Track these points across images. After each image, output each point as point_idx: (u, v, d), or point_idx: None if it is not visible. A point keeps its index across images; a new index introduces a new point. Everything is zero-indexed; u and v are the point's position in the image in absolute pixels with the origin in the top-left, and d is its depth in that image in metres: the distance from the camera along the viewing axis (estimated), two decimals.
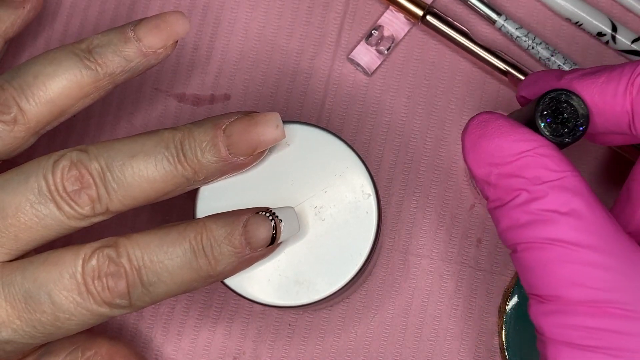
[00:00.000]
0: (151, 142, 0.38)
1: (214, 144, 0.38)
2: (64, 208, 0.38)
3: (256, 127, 0.38)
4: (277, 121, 0.39)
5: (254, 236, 0.38)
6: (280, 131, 0.39)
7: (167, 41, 0.41)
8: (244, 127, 0.38)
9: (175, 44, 0.41)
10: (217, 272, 0.38)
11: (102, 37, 0.41)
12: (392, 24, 0.51)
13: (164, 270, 0.37)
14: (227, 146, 0.38)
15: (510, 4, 0.52)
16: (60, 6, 0.53)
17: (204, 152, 0.38)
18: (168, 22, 0.41)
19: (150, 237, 0.38)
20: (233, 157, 0.38)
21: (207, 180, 0.39)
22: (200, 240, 0.38)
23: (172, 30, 0.41)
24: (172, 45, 0.41)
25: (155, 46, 0.41)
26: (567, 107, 0.37)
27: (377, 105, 0.51)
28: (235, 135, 0.38)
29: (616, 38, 0.50)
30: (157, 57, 0.41)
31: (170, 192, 0.39)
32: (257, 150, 0.39)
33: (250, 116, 0.39)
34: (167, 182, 0.38)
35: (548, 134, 0.37)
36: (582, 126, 0.37)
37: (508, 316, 0.49)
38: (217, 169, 0.39)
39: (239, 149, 0.38)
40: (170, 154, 0.38)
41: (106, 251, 0.37)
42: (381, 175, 0.51)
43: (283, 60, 0.52)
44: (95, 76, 0.40)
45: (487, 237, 0.50)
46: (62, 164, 0.38)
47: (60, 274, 0.37)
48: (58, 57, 0.40)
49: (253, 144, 0.39)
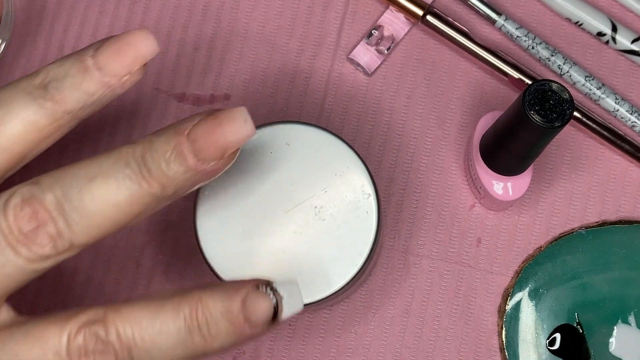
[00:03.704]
0: (109, 161, 0.34)
1: (178, 152, 0.34)
2: (21, 252, 0.33)
3: (222, 127, 0.34)
4: (244, 116, 0.35)
5: (254, 314, 0.34)
6: (249, 127, 0.35)
7: (132, 67, 0.35)
8: (208, 129, 0.34)
9: (144, 67, 0.36)
10: (214, 349, 0.35)
11: (58, 69, 0.35)
12: (392, 23, 0.51)
13: (156, 349, 0.34)
14: (194, 152, 0.34)
15: (510, 4, 0.52)
16: (60, 6, 0.53)
17: (169, 163, 0.34)
18: (131, 44, 0.35)
19: (142, 312, 0.34)
20: (202, 163, 0.34)
21: (178, 194, 0.35)
22: (195, 316, 0.34)
23: (137, 54, 0.35)
24: (139, 70, 0.36)
25: (118, 74, 0.35)
26: (551, 95, 0.39)
27: (377, 105, 0.51)
28: (201, 138, 0.34)
29: (616, 38, 0.50)
30: (123, 86, 0.36)
31: (141, 214, 0.35)
32: (227, 151, 0.35)
33: (213, 115, 0.35)
34: (134, 203, 0.34)
35: (540, 120, 0.39)
36: (569, 110, 0.39)
37: (508, 316, 0.49)
38: (187, 180, 0.35)
39: (207, 153, 0.34)
40: (132, 170, 0.34)
41: (94, 328, 0.33)
42: (381, 175, 0.51)
43: (283, 60, 0.52)
44: (52, 116, 0.35)
45: (487, 237, 0.50)
46: (13, 203, 0.34)
47: (44, 352, 0.33)
48: (9, 98, 0.35)
49: (222, 146, 0.34)
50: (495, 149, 0.45)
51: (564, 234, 0.50)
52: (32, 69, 0.52)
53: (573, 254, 0.49)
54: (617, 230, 0.49)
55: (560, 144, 0.50)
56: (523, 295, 0.49)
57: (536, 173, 0.49)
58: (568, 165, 0.50)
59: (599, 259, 0.49)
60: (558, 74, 0.51)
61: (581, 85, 0.50)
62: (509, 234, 0.50)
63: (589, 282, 0.49)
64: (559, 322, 0.48)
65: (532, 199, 0.50)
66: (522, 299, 0.49)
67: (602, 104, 0.50)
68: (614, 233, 0.49)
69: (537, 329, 0.48)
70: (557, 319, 0.48)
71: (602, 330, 0.48)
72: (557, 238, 0.50)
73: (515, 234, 0.50)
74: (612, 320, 0.48)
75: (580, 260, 0.49)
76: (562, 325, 0.48)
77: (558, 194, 0.50)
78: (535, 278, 0.49)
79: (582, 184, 0.50)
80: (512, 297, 0.49)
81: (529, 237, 0.50)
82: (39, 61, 0.52)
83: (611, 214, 0.50)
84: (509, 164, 0.45)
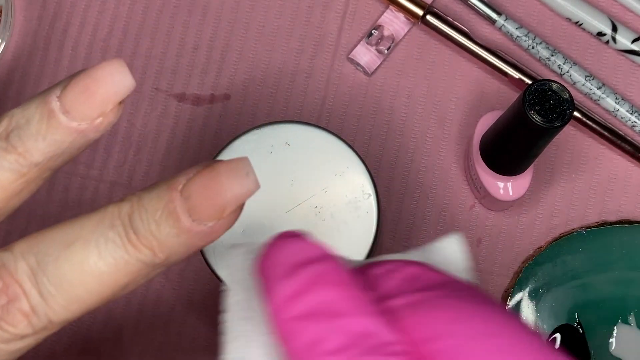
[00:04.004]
0: (91, 222, 0.29)
1: (170, 211, 0.29)
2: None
3: (220, 181, 0.29)
4: (246, 168, 0.29)
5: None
6: (252, 181, 0.29)
7: (104, 107, 0.29)
8: (204, 184, 0.29)
9: (120, 106, 0.30)
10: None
11: (21, 113, 0.30)
12: (392, 23, 0.51)
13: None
14: (188, 212, 0.29)
15: (510, 4, 0.52)
16: (60, 6, 0.53)
17: (160, 224, 0.29)
18: (100, 80, 0.29)
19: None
20: (198, 224, 0.29)
21: (172, 260, 0.30)
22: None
23: (108, 92, 0.29)
24: (114, 110, 0.30)
25: (89, 117, 0.29)
26: (551, 95, 0.39)
27: (377, 105, 0.51)
28: (196, 195, 0.29)
29: (616, 38, 0.50)
30: (97, 129, 0.30)
31: (129, 284, 0.30)
32: (227, 210, 0.29)
33: (211, 167, 0.29)
34: (120, 272, 0.29)
35: (540, 120, 0.39)
36: (569, 109, 0.39)
37: None
38: (181, 244, 0.29)
39: (203, 213, 0.29)
40: (117, 233, 0.29)
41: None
42: (381, 175, 0.51)
43: (283, 60, 0.52)
44: (18, 170, 0.30)
45: (487, 237, 0.50)
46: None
47: None
48: None
49: (220, 204, 0.29)
50: (495, 149, 0.45)
51: (564, 234, 0.50)
52: (32, 69, 0.52)
53: (573, 254, 0.49)
54: (618, 231, 0.49)
55: (560, 144, 0.50)
56: (523, 295, 0.49)
57: (536, 173, 0.49)
58: (568, 165, 0.50)
59: (599, 259, 0.49)
60: (558, 73, 0.51)
61: (581, 85, 0.50)
62: (509, 234, 0.50)
63: (589, 282, 0.49)
64: (559, 322, 0.48)
65: (532, 199, 0.50)
66: (522, 299, 0.49)
67: (602, 104, 0.50)
68: (614, 233, 0.49)
69: (537, 329, 0.48)
70: (557, 319, 0.48)
71: (602, 331, 0.48)
72: (557, 238, 0.50)
73: (515, 234, 0.50)
74: (612, 321, 0.48)
75: (580, 261, 0.49)
76: (562, 326, 0.48)
77: (558, 194, 0.50)
78: (535, 278, 0.49)
79: (582, 184, 0.50)
80: (512, 297, 0.49)
81: (529, 237, 0.50)
82: (39, 61, 0.52)
83: (611, 214, 0.50)
84: (509, 164, 0.45)
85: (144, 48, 0.52)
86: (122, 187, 0.51)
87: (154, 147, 0.51)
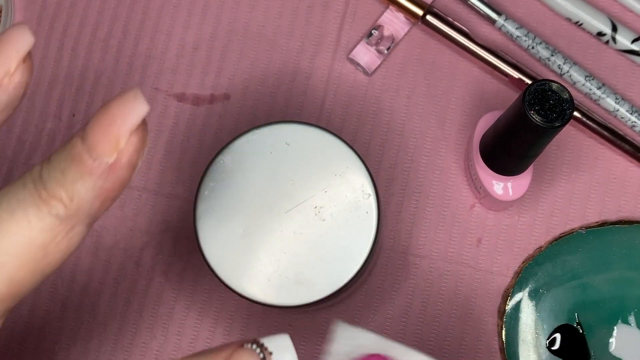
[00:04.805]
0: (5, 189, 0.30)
1: (72, 157, 0.29)
2: None
3: (110, 111, 0.29)
4: (134, 93, 0.29)
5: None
6: (139, 103, 0.29)
7: (9, 63, 0.30)
8: (98, 120, 0.29)
9: (26, 65, 0.31)
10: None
11: None
12: (392, 23, 0.51)
13: None
14: (88, 152, 0.29)
15: (510, 4, 0.52)
16: (60, 6, 0.53)
17: (64, 171, 0.29)
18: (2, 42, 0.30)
19: None
20: (99, 163, 0.29)
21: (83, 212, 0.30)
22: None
23: (9, 49, 0.30)
24: (19, 69, 0.30)
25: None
26: (551, 95, 0.39)
27: (377, 105, 0.51)
28: (91, 134, 0.29)
29: (616, 38, 0.50)
30: (5, 90, 0.31)
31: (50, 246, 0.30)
32: (121, 140, 0.29)
33: (104, 103, 0.30)
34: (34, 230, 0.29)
35: (540, 120, 0.39)
36: (569, 109, 0.39)
37: (508, 316, 0.49)
38: (89, 189, 0.29)
39: (100, 148, 0.29)
40: (28, 192, 0.29)
41: None
42: (381, 175, 0.51)
43: (283, 60, 0.52)
44: None
45: (487, 237, 0.50)
46: None
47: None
48: None
49: (112, 135, 0.29)
50: (495, 149, 0.45)
51: (564, 234, 0.50)
52: None
53: (573, 254, 0.49)
54: (618, 231, 0.49)
55: (560, 144, 0.50)
56: (523, 295, 0.49)
57: (536, 173, 0.49)
58: (568, 165, 0.50)
59: (599, 259, 0.49)
60: (558, 73, 0.51)
61: (581, 85, 0.50)
62: (509, 234, 0.50)
63: (589, 282, 0.49)
64: (559, 322, 0.48)
65: (532, 199, 0.50)
66: (522, 299, 0.49)
67: (602, 104, 0.50)
68: (614, 233, 0.49)
69: (537, 329, 0.48)
70: (557, 319, 0.48)
71: (602, 331, 0.48)
72: (557, 238, 0.50)
73: (516, 234, 0.50)
74: (612, 321, 0.48)
75: (580, 261, 0.49)
76: (562, 326, 0.48)
77: (558, 194, 0.50)
78: (535, 278, 0.49)
79: (582, 184, 0.50)
80: (512, 297, 0.49)
81: (529, 237, 0.50)
82: (39, 61, 0.52)
83: (611, 214, 0.50)
84: (509, 164, 0.45)
85: (144, 48, 0.52)
86: None
87: (154, 147, 0.51)
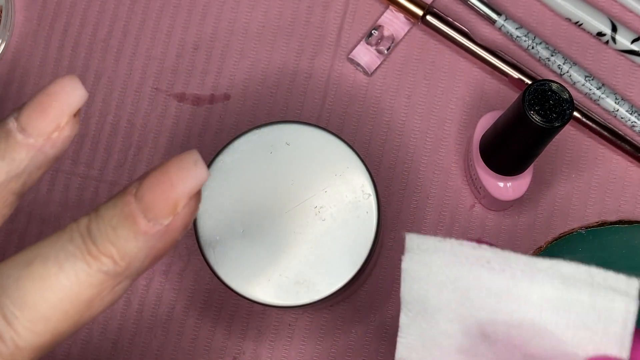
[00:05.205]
0: (50, 239, 0.29)
1: (125, 215, 0.28)
2: None
3: (169, 175, 0.29)
4: (194, 157, 0.29)
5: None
6: (200, 169, 0.29)
7: (59, 120, 0.30)
8: (155, 181, 0.29)
9: (76, 119, 0.30)
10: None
11: None
12: (392, 23, 0.51)
13: None
14: (143, 212, 0.29)
15: (510, 4, 0.52)
16: (60, 6, 0.53)
17: (116, 229, 0.28)
18: (52, 95, 0.30)
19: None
20: (154, 224, 0.29)
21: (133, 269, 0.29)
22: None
23: (61, 105, 0.30)
24: (69, 123, 0.30)
25: (44, 132, 0.30)
26: (551, 95, 0.39)
27: (377, 105, 0.51)
28: (148, 194, 0.29)
29: (616, 38, 0.50)
30: (54, 145, 0.30)
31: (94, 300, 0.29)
32: (179, 204, 0.29)
33: (160, 165, 0.29)
34: (82, 285, 0.28)
35: (540, 120, 0.39)
36: (569, 109, 0.39)
37: None
38: (140, 248, 0.29)
39: (157, 210, 0.29)
40: (76, 246, 0.28)
41: None
42: (381, 175, 0.51)
43: (283, 60, 0.52)
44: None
45: (487, 237, 0.50)
46: None
47: None
48: None
49: (171, 198, 0.29)
50: (495, 149, 0.45)
51: (564, 234, 0.50)
52: (32, 69, 0.52)
53: (573, 254, 0.49)
54: (617, 230, 0.49)
55: (560, 144, 0.50)
56: None
57: (536, 173, 0.49)
58: (568, 165, 0.50)
59: (599, 259, 0.49)
60: (558, 74, 0.51)
61: (581, 85, 0.50)
62: (509, 234, 0.50)
63: None
64: None
65: (532, 199, 0.50)
66: None
67: (602, 104, 0.50)
68: (614, 233, 0.49)
69: None
70: None
71: None
72: (557, 238, 0.50)
73: (516, 234, 0.50)
74: None
75: (580, 261, 0.49)
76: None
77: (558, 194, 0.50)
78: None
79: (582, 184, 0.50)
80: None
81: (529, 237, 0.50)
82: (39, 61, 0.52)
83: (611, 214, 0.50)
84: (509, 164, 0.45)
85: (144, 48, 0.52)
86: (122, 187, 0.51)
87: (154, 147, 0.51)
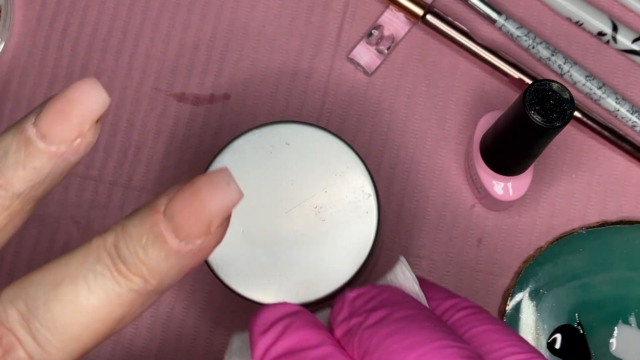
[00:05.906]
0: (77, 258, 0.28)
1: (155, 235, 0.28)
2: None
3: (201, 195, 0.28)
4: (227, 177, 0.28)
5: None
6: (234, 190, 0.28)
7: (81, 127, 0.29)
8: (186, 201, 0.28)
9: (98, 125, 0.29)
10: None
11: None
12: (392, 23, 0.51)
13: None
14: (174, 232, 0.28)
15: (510, 4, 0.52)
16: (59, 5, 0.53)
17: (147, 249, 0.28)
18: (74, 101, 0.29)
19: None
20: (186, 244, 0.28)
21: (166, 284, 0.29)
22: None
23: (83, 111, 0.29)
24: (92, 129, 0.29)
25: (66, 139, 0.29)
26: (552, 95, 0.39)
27: (377, 105, 0.51)
28: (179, 214, 0.28)
29: (617, 38, 0.50)
30: (76, 151, 0.29)
31: (125, 317, 0.29)
32: (214, 225, 0.28)
33: (191, 183, 0.28)
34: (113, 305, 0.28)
35: (540, 120, 0.39)
36: (570, 109, 0.39)
37: (508, 317, 0.49)
38: (172, 267, 0.28)
39: (190, 231, 0.28)
40: (105, 266, 0.28)
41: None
42: (381, 175, 0.51)
43: (283, 60, 0.52)
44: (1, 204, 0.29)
45: (487, 238, 0.50)
46: None
47: None
48: None
49: (205, 219, 0.28)
50: (495, 149, 0.45)
51: (565, 234, 0.50)
52: (31, 69, 0.52)
53: (574, 254, 0.49)
54: (618, 231, 0.49)
55: (560, 144, 0.50)
56: (523, 295, 0.49)
57: (536, 173, 0.49)
58: (568, 165, 0.50)
59: (599, 259, 0.49)
60: (558, 73, 0.51)
61: (582, 85, 0.50)
62: (510, 234, 0.50)
63: (590, 282, 0.49)
64: (560, 322, 0.48)
65: (532, 199, 0.50)
66: (522, 300, 0.49)
67: (602, 104, 0.50)
68: (615, 233, 0.49)
69: (537, 329, 0.48)
70: (558, 319, 0.48)
71: (603, 331, 0.48)
72: (557, 238, 0.49)
73: (516, 234, 0.50)
74: (612, 321, 0.48)
75: (580, 261, 0.49)
76: (563, 326, 0.48)
77: (558, 194, 0.50)
78: (535, 278, 0.49)
79: (583, 184, 0.50)
80: (513, 297, 0.49)
81: (529, 238, 0.50)
82: (38, 61, 0.52)
83: (612, 214, 0.50)
84: (509, 164, 0.45)
85: (144, 48, 0.52)
86: (122, 187, 0.51)
87: (154, 147, 0.51)
